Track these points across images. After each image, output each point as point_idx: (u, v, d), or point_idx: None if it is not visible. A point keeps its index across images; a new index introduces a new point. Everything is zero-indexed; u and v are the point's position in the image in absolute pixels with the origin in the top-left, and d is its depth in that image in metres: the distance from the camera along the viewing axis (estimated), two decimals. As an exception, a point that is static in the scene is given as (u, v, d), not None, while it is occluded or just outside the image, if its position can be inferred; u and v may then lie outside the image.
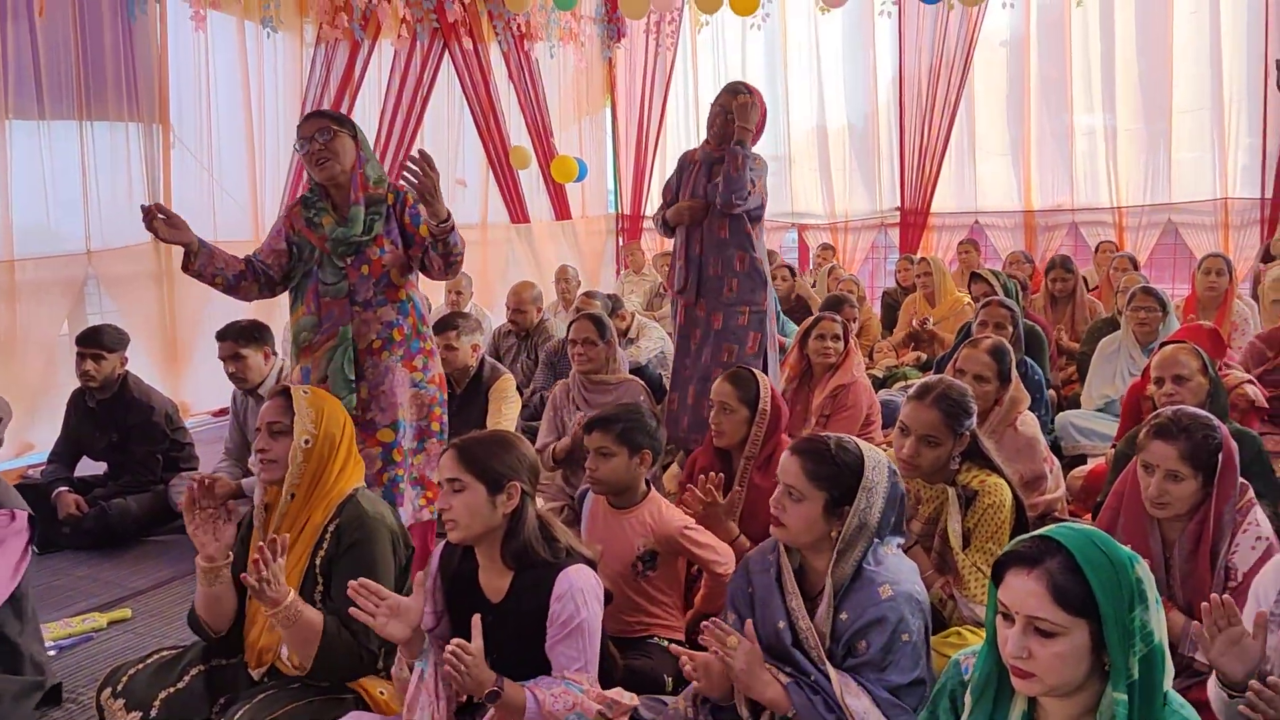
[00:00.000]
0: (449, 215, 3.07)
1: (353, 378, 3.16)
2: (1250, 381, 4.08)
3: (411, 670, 2.13)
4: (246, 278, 3.23)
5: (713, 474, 2.97)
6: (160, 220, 3.06)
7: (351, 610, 2.09)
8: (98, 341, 4.37)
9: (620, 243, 10.22)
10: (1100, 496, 3.11)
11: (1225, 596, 1.84)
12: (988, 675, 1.59)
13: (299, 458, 2.36)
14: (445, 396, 3.40)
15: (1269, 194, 7.94)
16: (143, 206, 3.06)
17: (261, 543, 2.18)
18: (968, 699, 1.63)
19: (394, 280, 3.22)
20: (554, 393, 4.30)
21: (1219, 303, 5.35)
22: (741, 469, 3.17)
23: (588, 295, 5.83)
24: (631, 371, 4.74)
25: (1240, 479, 2.40)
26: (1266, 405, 4.10)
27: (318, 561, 2.35)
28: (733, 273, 4.15)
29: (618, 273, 9.86)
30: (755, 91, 4.24)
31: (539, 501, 2.30)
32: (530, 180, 9.04)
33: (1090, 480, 3.95)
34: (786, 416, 3.37)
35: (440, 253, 3.13)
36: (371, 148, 3.32)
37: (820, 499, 2.11)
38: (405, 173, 2.92)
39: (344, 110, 7.02)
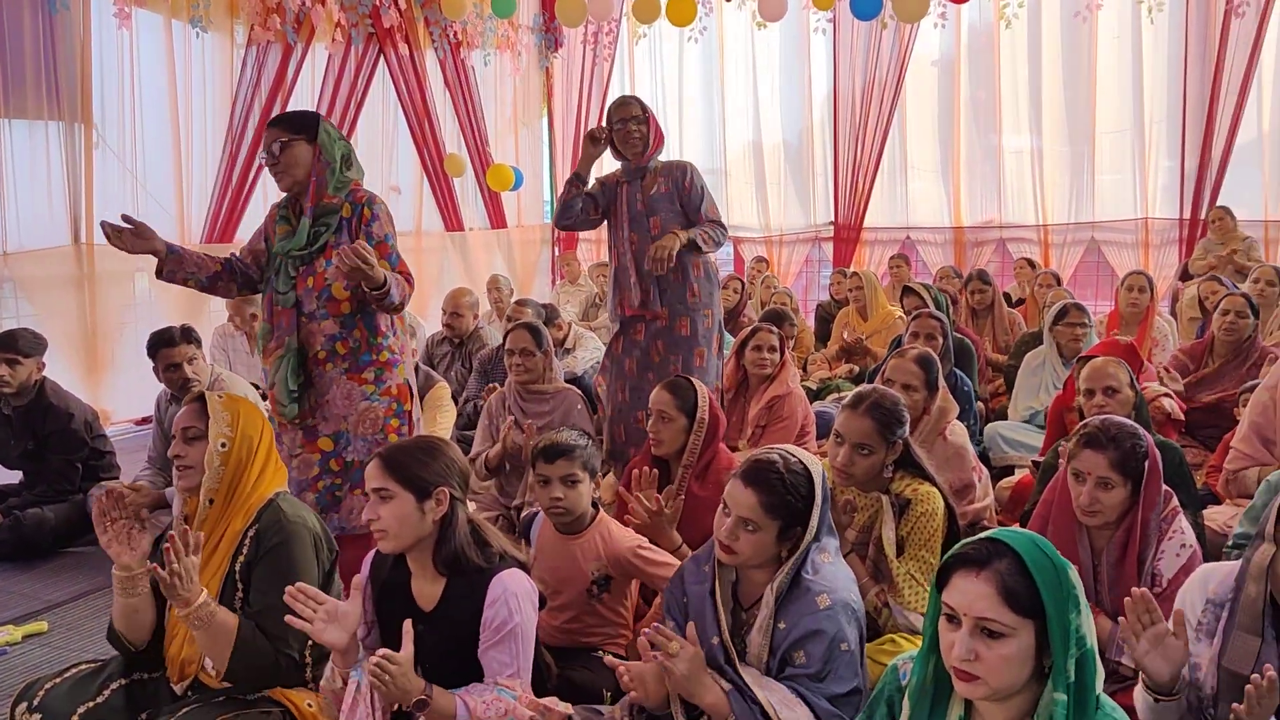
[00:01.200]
0: (385, 281, 3.04)
1: (294, 387, 3.13)
2: (1167, 395, 4.21)
3: (346, 681, 2.08)
4: (223, 278, 3.24)
5: (648, 470, 2.96)
6: (127, 233, 3.01)
7: (289, 618, 2.03)
8: (13, 346, 4.22)
9: (556, 252, 10.20)
10: (1028, 505, 3.17)
11: (1143, 590, 1.88)
12: (924, 680, 1.60)
13: (215, 461, 2.29)
14: (408, 409, 3.32)
15: (1187, 214, 8.22)
16: (103, 224, 3.00)
17: (172, 532, 2.12)
18: (905, 704, 1.64)
19: (336, 294, 3.15)
20: (490, 401, 4.25)
21: (1140, 319, 5.51)
22: (680, 477, 3.17)
23: (520, 304, 5.78)
24: (567, 382, 4.72)
25: (1165, 488, 2.46)
26: (1182, 418, 4.24)
27: (237, 568, 2.28)
28: (693, 278, 4.18)
29: (553, 282, 9.83)
30: (648, 110, 4.22)
31: (470, 507, 2.27)
32: (465, 188, 8.97)
33: (1017, 491, 4.03)
34: (724, 425, 3.39)
35: (377, 306, 3.15)
36: (340, 150, 3.21)
37: (775, 527, 2.11)
38: (336, 264, 2.95)
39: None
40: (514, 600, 2.12)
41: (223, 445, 2.31)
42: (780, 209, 9.69)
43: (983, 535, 1.58)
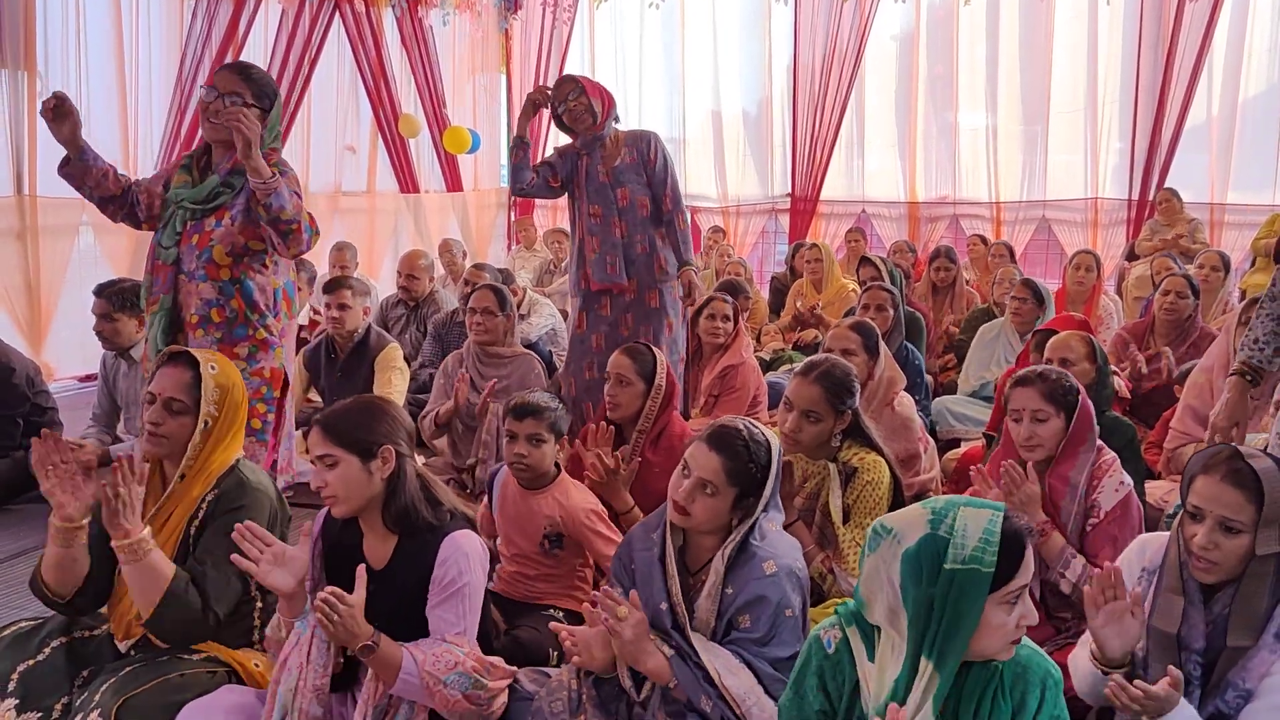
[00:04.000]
0: (273, 174, 2.94)
1: (163, 348, 2.96)
2: (1115, 373, 4.30)
3: (290, 631, 2.08)
4: (114, 202, 3.14)
5: (604, 425, 3.00)
6: (63, 110, 2.92)
7: (234, 557, 2.03)
8: (-49, 299, 4.12)
9: (512, 217, 10.13)
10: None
11: (1115, 566, 1.95)
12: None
13: (197, 440, 2.26)
14: (278, 397, 3.23)
15: (1135, 195, 8.36)
16: (55, 94, 2.92)
17: (120, 456, 2.09)
18: (869, 669, 1.67)
19: (216, 258, 3.05)
20: (446, 362, 4.23)
21: (1086, 297, 5.61)
22: (634, 442, 3.20)
23: (477, 268, 5.75)
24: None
25: (1101, 444, 2.60)
26: (1129, 396, 4.34)
27: (192, 531, 2.26)
28: (659, 249, 4.18)
29: (508, 247, 9.78)
30: (581, 80, 4.18)
31: (419, 460, 2.28)
32: (421, 150, 8.86)
33: (963, 462, 4.09)
34: (679, 393, 3.41)
35: (266, 219, 2.98)
36: (279, 125, 3.16)
37: (732, 494, 2.14)
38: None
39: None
40: (464, 560, 2.13)
41: (206, 425, 2.27)
42: (738, 179, 9.70)
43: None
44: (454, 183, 9.27)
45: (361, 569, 2.04)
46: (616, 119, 4.26)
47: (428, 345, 5.17)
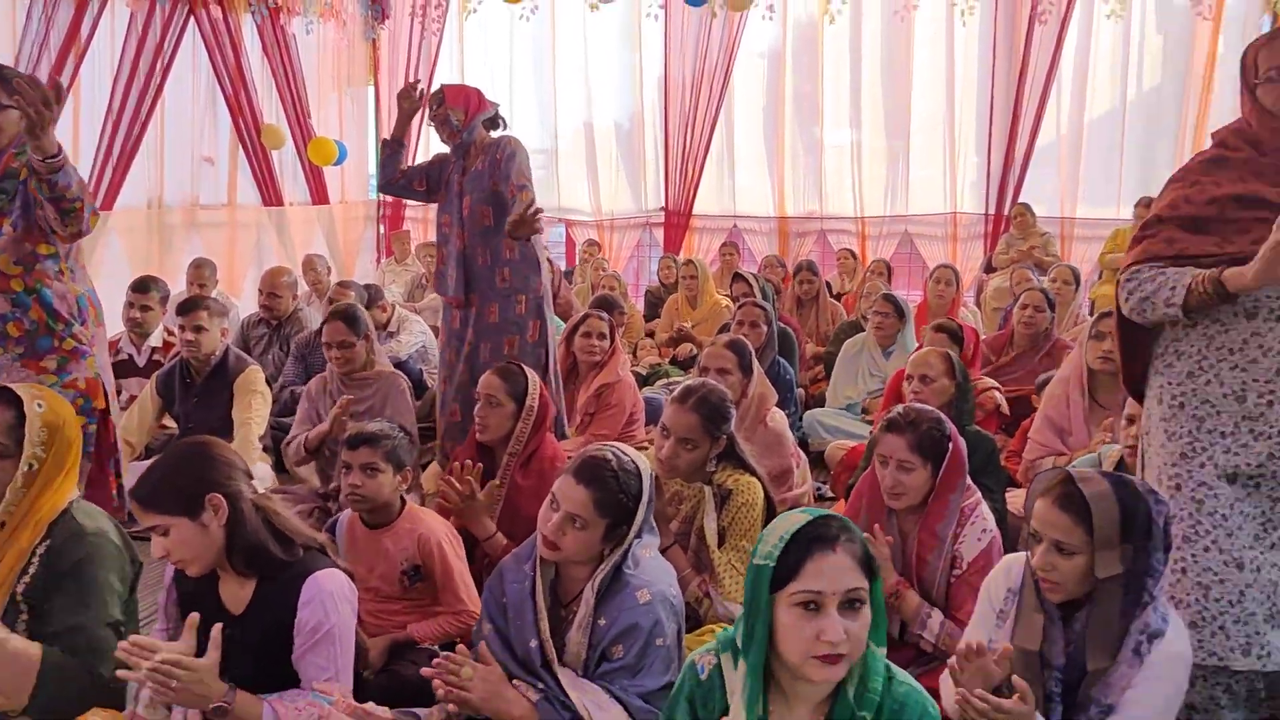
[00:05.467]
0: (60, 150, 2.74)
1: None
2: (995, 388, 4.43)
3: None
4: None
5: (469, 463, 2.90)
6: None
7: (121, 673, 1.86)
8: None
9: (382, 230, 9.88)
10: (853, 478, 3.28)
11: (979, 643, 1.93)
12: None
13: (19, 484, 2.08)
14: (100, 407, 3.06)
15: (992, 210, 8.71)
16: None
17: None
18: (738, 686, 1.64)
19: (4, 268, 2.87)
20: (310, 386, 4.06)
21: (947, 310, 5.79)
22: (504, 465, 3.12)
23: (342, 285, 5.56)
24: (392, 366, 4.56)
25: (970, 481, 2.59)
26: (1008, 413, 4.46)
27: (19, 589, 2.07)
28: (503, 261, 4.03)
29: (378, 261, 9.52)
30: (455, 93, 4.08)
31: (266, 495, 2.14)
32: (284, 161, 8.56)
33: (851, 457, 4.15)
34: (553, 414, 3.35)
35: (48, 196, 2.77)
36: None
37: (603, 525, 2.11)
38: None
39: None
40: (329, 601, 2.02)
41: (31, 466, 2.09)
42: (612, 192, 9.70)
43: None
44: (320, 195, 8.98)
45: (218, 628, 1.91)
46: (499, 123, 4.15)
47: (290, 366, 4.96)
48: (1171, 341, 2.32)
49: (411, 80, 4.52)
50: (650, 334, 6.84)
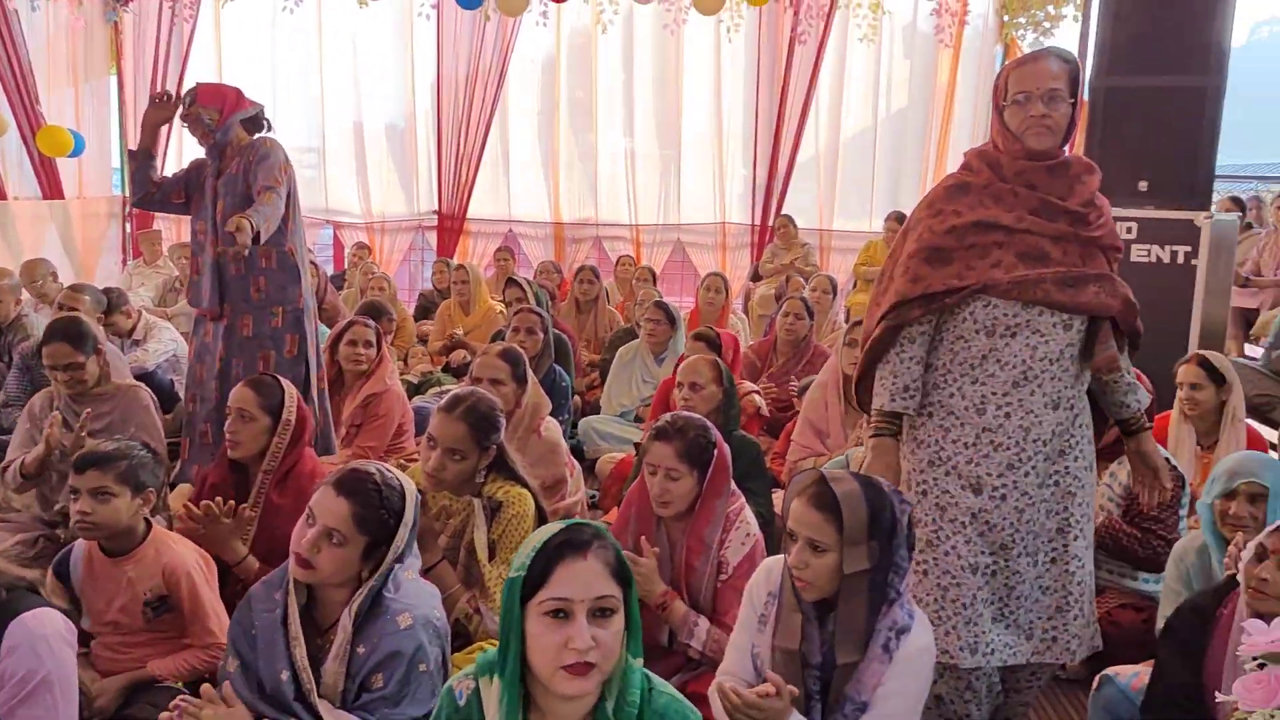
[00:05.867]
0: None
1: None
2: (756, 392, 4.58)
3: None
4: None
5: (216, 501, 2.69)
6: None
7: None
8: None
9: (128, 229, 9.13)
10: (624, 488, 3.29)
11: (777, 685, 1.91)
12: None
13: None
14: None
15: (757, 220, 9.07)
16: None
17: None
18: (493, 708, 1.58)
19: None
20: (32, 403, 3.65)
21: (717, 317, 5.96)
22: (258, 484, 2.92)
23: (74, 290, 5.03)
24: (138, 377, 4.19)
25: (734, 486, 2.64)
26: (768, 415, 4.63)
27: None
28: (258, 270, 3.75)
29: (124, 263, 8.79)
30: (208, 92, 3.81)
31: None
32: (8, 151, 7.75)
33: (620, 468, 4.17)
34: (312, 428, 3.17)
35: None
36: None
37: (362, 543, 2.00)
38: None
39: None
40: (42, 645, 1.81)
41: None
42: (383, 194, 9.40)
43: None
44: (53, 189, 8.20)
45: None
46: (262, 125, 3.87)
47: (12, 379, 4.45)
48: (936, 349, 2.43)
49: (160, 82, 4.14)
50: (422, 340, 6.66)
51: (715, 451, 2.58)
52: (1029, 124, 2.30)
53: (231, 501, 2.71)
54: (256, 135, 3.85)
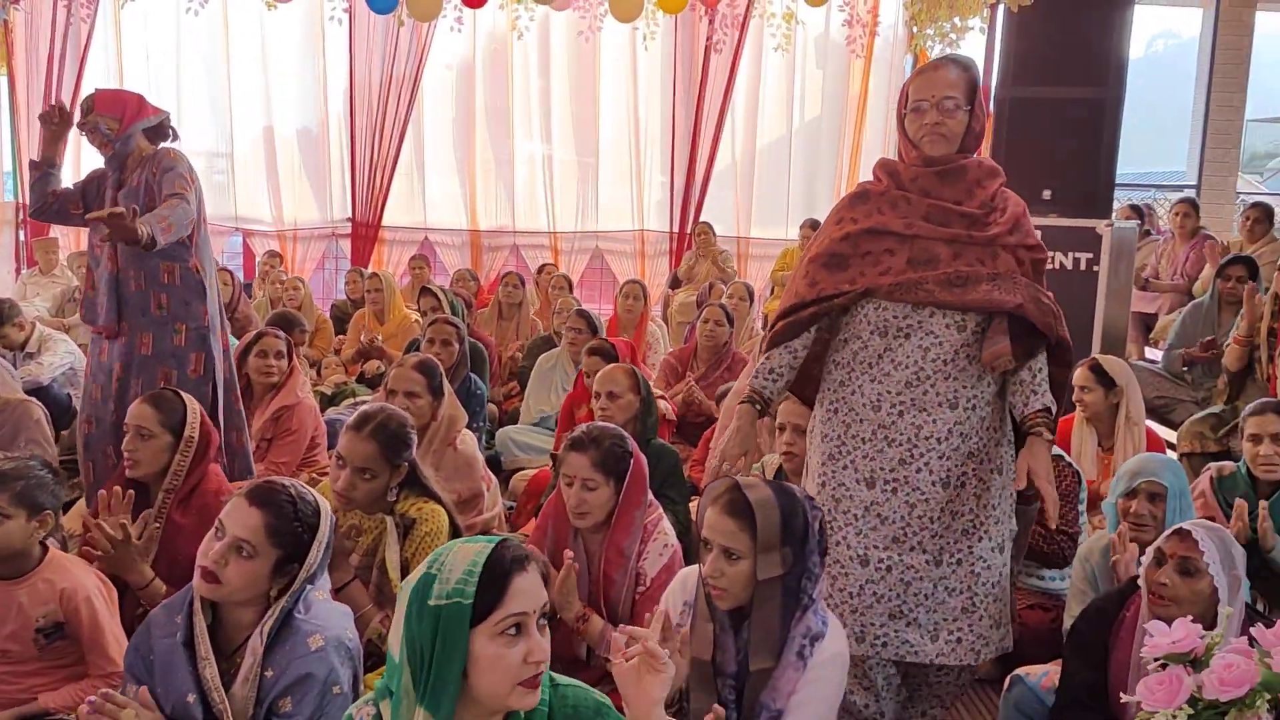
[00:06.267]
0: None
1: None
2: (661, 397, 4.59)
3: None
4: None
5: (119, 490, 2.59)
6: None
7: None
8: None
9: (22, 236, 8.76)
10: (540, 501, 3.26)
11: (645, 630, 1.89)
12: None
13: None
14: None
15: (676, 228, 9.11)
16: None
17: None
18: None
19: None
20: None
21: (636, 324, 5.97)
22: (160, 503, 2.81)
23: (-44, 301, 4.82)
24: (31, 392, 4.04)
25: (651, 497, 2.64)
26: (674, 419, 4.65)
27: None
28: (160, 286, 3.59)
29: (17, 272, 8.43)
30: (107, 99, 3.63)
31: None
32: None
33: (533, 484, 4.13)
34: (216, 445, 3.07)
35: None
36: None
37: (273, 557, 1.94)
38: None
39: None
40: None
41: None
42: (294, 202, 9.20)
43: None
44: (-62, 196, 7.85)
45: None
46: (168, 133, 3.72)
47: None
48: (832, 353, 2.50)
49: (55, 85, 3.94)
50: (336, 351, 6.53)
51: (631, 461, 2.58)
52: (924, 131, 2.36)
53: (147, 518, 2.62)
54: (160, 145, 3.71)
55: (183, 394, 2.93)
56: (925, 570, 2.39)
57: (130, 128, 3.57)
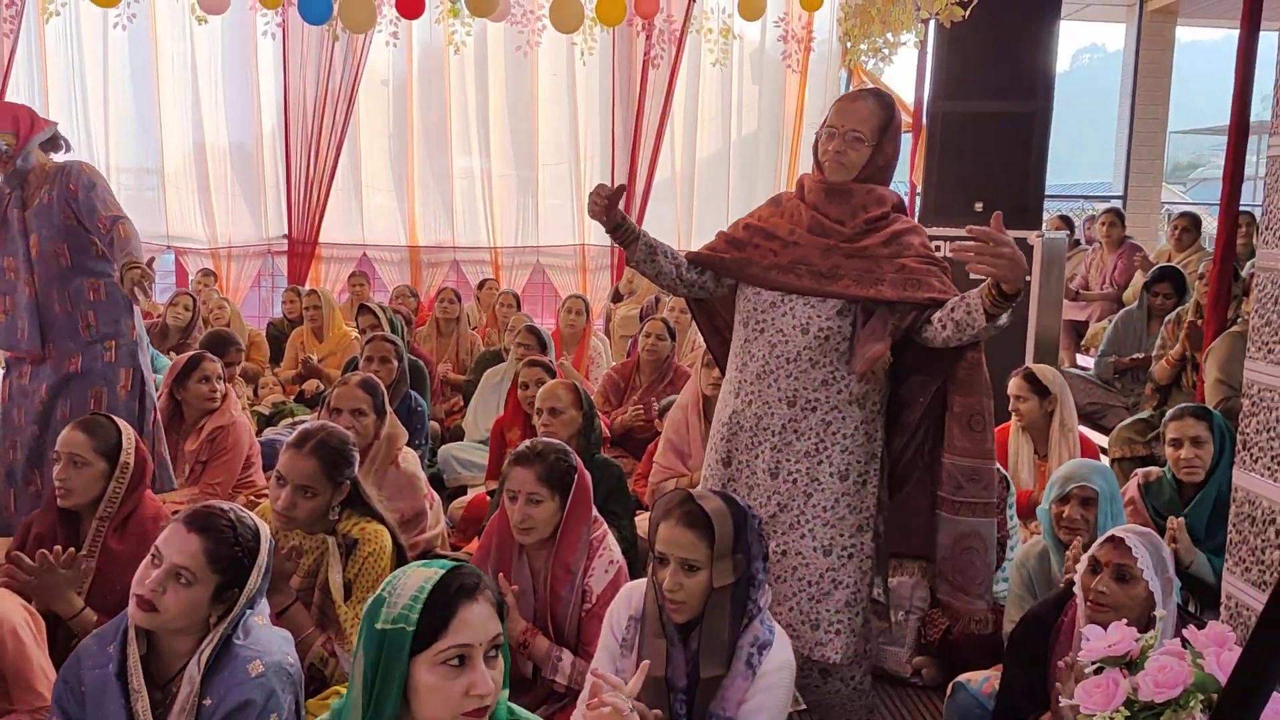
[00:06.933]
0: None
1: None
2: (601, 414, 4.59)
3: None
4: None
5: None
6: None
7: None
8: None
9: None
10: (486, 517, 3.23)
11: (603, 674, 1.93)
12: None
13: None
14: None
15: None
16: None
17: None
18: None
19: None
20: None
21: (578, 339, 5.96)
22: (94, 532, 2.73)
23: None
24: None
25: (596, 512, 2.63)
26: (607, 435, 4.64)
27: None
28: (86, 304, 3.51)
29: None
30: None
31: None
32: None
33: (470, 510, 4.11)
34: (151, 470, 3.00)
35: None
36: None
37: (213, 583, 1.90)
38: None
39: None
40: None
41: None
42: (228, 219, 9.03)
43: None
44: None
45: None
46: (62, 146, 3.62)
47: None
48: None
49: None
50: (274, 371, 6.43)
51: (576, 476, 2.57)
52: (827, 156, 2.55)
53: (70, 549, 2.54)
54: (56, 157, 3.60)
55: (116, 419, 2.85)
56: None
57: (28, 142, 3.45)
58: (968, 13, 5.18)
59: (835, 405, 2.50)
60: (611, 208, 2.54)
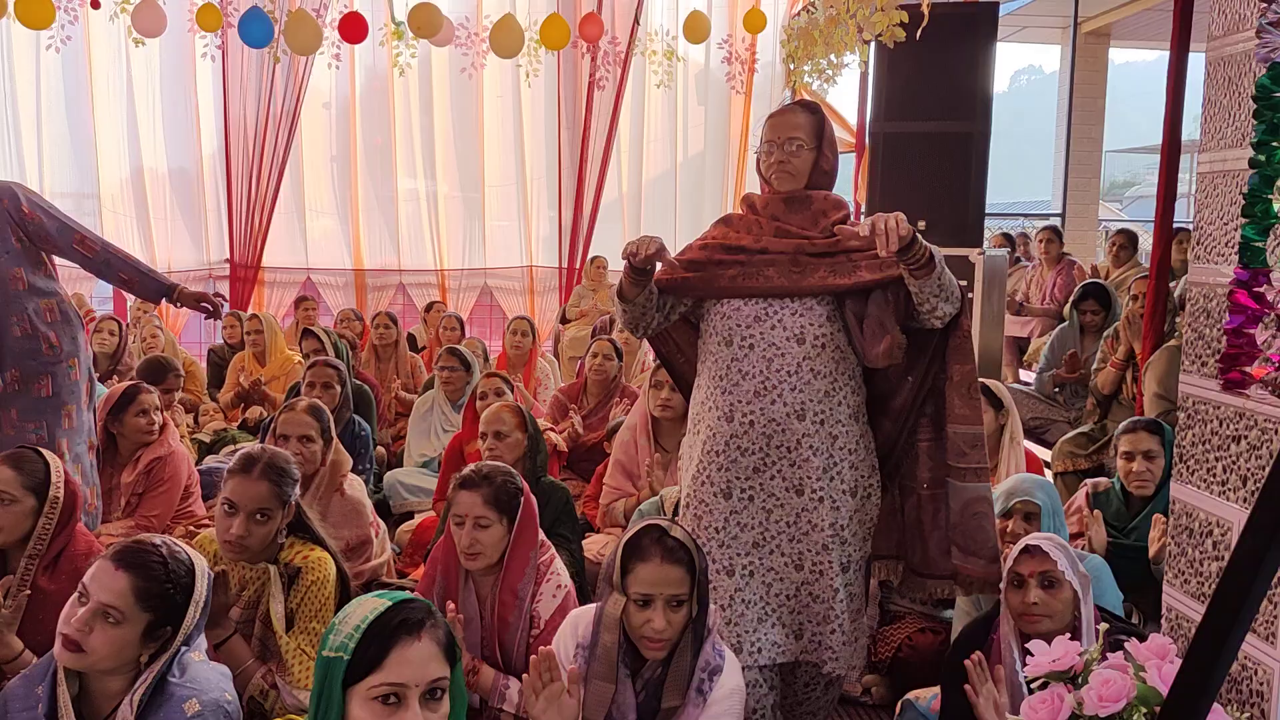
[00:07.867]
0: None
1: None
2: (551, 429, 4.56)
3: None
4: None
5: None
6: None
7: None
8: None
9: None
10: (428, 548, 3.18)
11: (549, 649, 1.94)
12: None
13: None
14: None
15: (565, 263, 9.11)
16: None
17: None
18: None
19: None
20: None
21: (525, 361, 5.93)
22: (23, 570, 2.64)
23: None
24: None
25: (543, 537, 2.60)
26: (565, 449, 4.62)
27: None
28: (46, 325, 3.44)
29: None
30: None
31: None
32: None
33: (419, 534, 4.05)
34: (82, 503, 2.91)
35: None
36: None
37: (143, 621, 1.85)
38: None
39: None
40: None
41: None
42: (168, 244, 8.87)
43: None
44: None
45: None
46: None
47: None
48: (699, 374, 2.59)
49: None
50: (214, 397, 6.30)
51: (522, 499, 2.55)
52: (772, 169, 2.54)
53: (8, 584, 2.45)
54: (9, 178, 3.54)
55: (43, 452, 2.76)
56: (786, 573, 2.45)
57: None
58: (917, 34, 5.26)
59: (839, 419, 2.45)
60: (650, 261, 2.41)
